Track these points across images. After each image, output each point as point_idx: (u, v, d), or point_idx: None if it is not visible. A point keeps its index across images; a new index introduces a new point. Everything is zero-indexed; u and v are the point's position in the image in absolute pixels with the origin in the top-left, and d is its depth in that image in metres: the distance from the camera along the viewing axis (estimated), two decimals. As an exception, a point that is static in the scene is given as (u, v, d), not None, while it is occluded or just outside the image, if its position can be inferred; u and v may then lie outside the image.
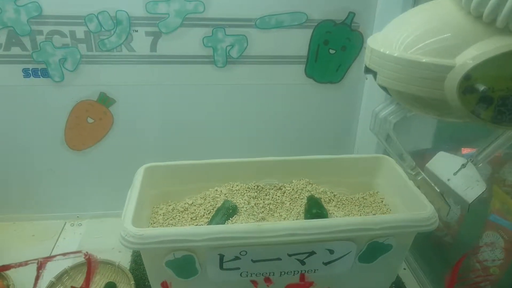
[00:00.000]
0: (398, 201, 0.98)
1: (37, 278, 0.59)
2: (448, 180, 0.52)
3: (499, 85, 0.38)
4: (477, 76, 0.38)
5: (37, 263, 0.55)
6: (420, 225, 0.80)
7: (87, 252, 0.61)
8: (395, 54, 0.42)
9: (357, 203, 1.01)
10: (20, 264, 0.54)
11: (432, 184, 0.52)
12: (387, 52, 0.43)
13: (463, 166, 0.51)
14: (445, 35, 0.40)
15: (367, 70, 0.47)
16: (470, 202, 0.49)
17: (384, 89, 0.47)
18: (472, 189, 0.49)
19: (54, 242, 1.16)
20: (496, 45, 0.37)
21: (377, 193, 1.05)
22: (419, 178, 0.54)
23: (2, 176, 1.17)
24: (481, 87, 0.37)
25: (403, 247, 0.87)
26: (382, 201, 1.02)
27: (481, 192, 0.48)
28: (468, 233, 0.97)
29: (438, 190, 0.51)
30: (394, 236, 0.81)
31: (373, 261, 0.86)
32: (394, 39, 0.43)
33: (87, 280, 0.56)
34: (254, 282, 0.75)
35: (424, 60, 0.40)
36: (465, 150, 0.88)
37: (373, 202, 1.02)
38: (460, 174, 0.51)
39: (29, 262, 0.55)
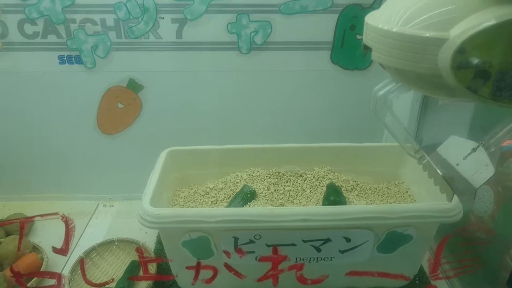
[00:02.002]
0: (424, 192, 0.94)
1: (20, 237, 0.62)
2: (457, 164, 0.49)
3: (497, 58, 0.35)
4: (472, 49, 0.35)
5: (20, 223, 0.58)
6: (442, 216, 0.77)
7: (63, 215, 0.64)
8: (387, 28, 0.40)
9: (380, 192, 0.99)
10: (4, 223, 0.58)
11: (435, 167, 0.50)
12: (383, 27, 0.41)
13: (474, 150, 0.48)
14: (441, 9, 0.38)
15: (365, 47, 0.46)
16: (477, 187, 0.46)
17: (382, 66, 0.45)
18: (480, 174, 0.46)
19: (87, 221, 1.22)
20: (493, 14, 0.34)
21: (402, 183, 1.02)
22: (424, 162, 0.52)
23: (40, 157, 1.24)
24: (475, 61, 0.35)
25: (425, 239, 0.84)
26: (407, 192, 0.98)
27: (489, 177, 0.45)
28: (502, 229, 0.91)
29: (441, 174, 0.49)
30: (415, 227, 0.79)
31: (393, 252, 0.83)
32: (391, 14, 0.41)
33: (66, 242, 0.59)
34: (226, 253, 0.77)
35: (416, 34, 0.38)
36: (507, 142, 0.83)
37: (397, 192, 0.98)
38: (469, 158, 0.48)
39: (12, 221, 0.59)
